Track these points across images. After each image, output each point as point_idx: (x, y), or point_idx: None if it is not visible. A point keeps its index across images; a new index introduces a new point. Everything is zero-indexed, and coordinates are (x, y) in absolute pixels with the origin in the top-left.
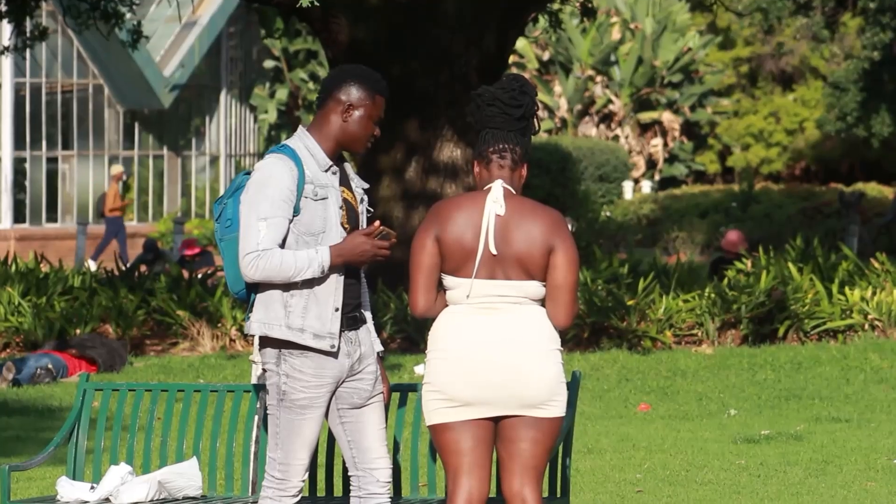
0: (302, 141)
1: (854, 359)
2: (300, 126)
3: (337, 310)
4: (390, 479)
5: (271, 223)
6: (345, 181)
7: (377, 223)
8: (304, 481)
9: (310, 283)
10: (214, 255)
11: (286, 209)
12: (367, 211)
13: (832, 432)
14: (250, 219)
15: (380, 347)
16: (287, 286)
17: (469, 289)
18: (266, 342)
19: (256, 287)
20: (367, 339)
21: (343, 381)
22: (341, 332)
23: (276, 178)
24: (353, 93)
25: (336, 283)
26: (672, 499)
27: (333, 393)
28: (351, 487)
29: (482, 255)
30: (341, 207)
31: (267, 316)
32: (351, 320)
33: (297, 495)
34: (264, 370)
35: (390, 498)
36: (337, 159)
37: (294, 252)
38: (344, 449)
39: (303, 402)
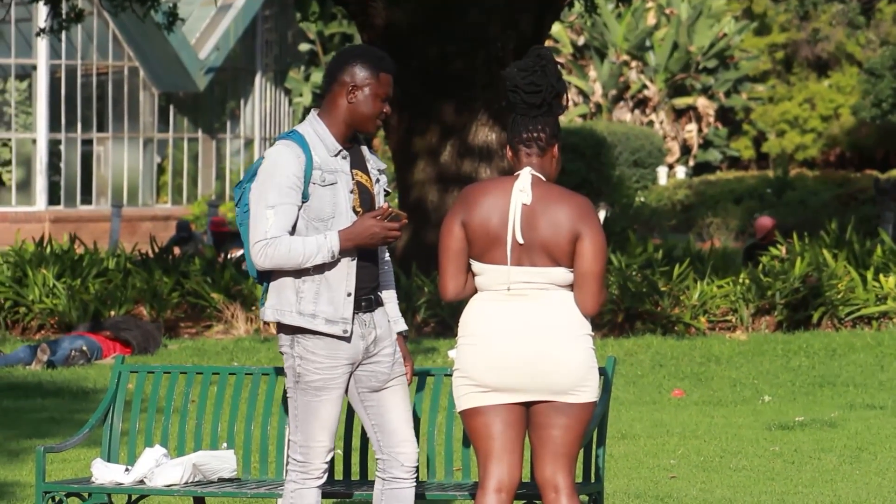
0: (311, 126)
1: (889, 346)
2: (312, 110)
3: (349, 294)
4: (416, 464)
5: (279, 211)
6: (359, 163)
7: (385, 205)
8: (327, 463)
9: (321, 269)
10: None
11: (294, 196)
12: (385, 192)
13: (866, 419)
14: (259, 207)
15: (402, 327)
16: (299, 272)
17: (507, 277)
18: (281, 327)
19: (269, 274)
20: (383, 321)
21: (359, 364)
22: (355, 314)
23: (283, 166)
24: (356, 73)
25: (348, 267)
26: (706, 485)
27: (351, 375)
28: (377, 470)
29: (510, 244)
30: (352, 191)
31: (279, 302)
32: (365, 303)
33: (321, 477)
34: (282, 353)
35: (416, 482)
36: (351, 141)
37: (303, 238)
38: (369, 433)
39: (317, 383)
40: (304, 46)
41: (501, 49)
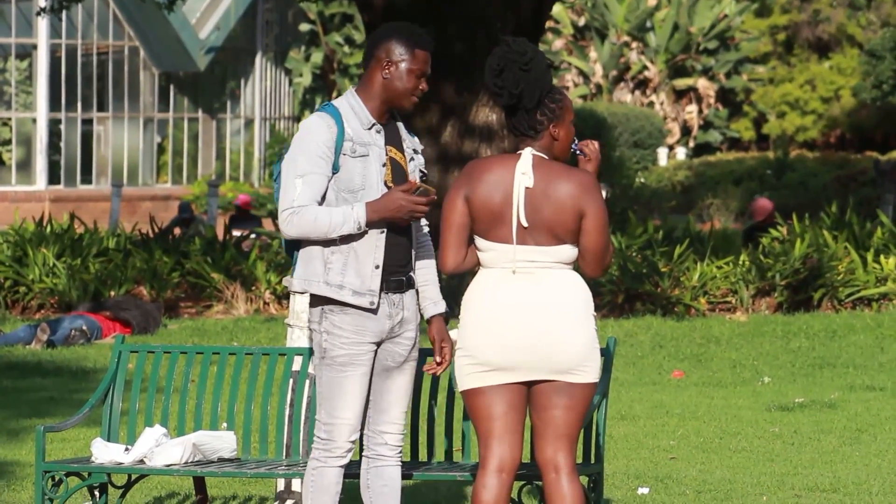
0: (347, 100)
1: (888, 327)
2: (350, 86)
3: (377, 267)
4: (400, 445)
5: (307, 180)
6: (394, 140)
7: (413, 179)
8: (351, 443)
9: (350, 241)
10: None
11: (323, 166)
12: (422, 173)
13: (866, 401)
14: (289, 176)
15: (442, 309)
16: (327, 243)
17: (513, 256)
18: (312, 301)
19: (299, 244)
20: (412, 303)
21: (382, 343)
22: (385, 292)
23: (314, 135)
24: (392, 49)
25: (376, 240)
26: (705, 466)
27: (376, 353)
28: (363, 446)
29: (515, 224)
30: (384, 165)
31: (307, 272)
32: (396, 283)
33: (344, 456)
34: (311, 330)
35: (401, 463)
36: (389, 119)
37: (330, 209)
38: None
39: (342, 358)
40: (304, 26)
41: (501, 30)
